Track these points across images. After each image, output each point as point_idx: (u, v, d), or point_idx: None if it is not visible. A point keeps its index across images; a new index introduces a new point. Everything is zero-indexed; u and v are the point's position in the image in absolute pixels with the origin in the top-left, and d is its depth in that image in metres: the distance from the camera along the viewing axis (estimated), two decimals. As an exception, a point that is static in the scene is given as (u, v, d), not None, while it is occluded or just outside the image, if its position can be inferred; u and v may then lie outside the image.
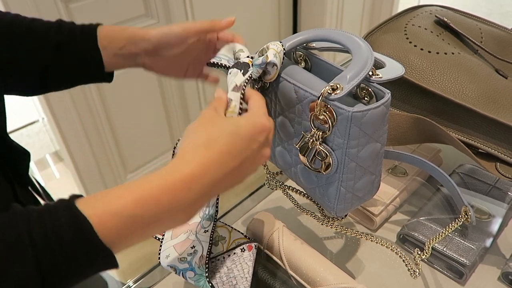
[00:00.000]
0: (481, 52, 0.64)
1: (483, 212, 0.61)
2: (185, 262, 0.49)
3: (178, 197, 0.33)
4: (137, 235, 0.32)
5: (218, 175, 0.35)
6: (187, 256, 0.49)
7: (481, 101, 0.55)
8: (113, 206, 0.31)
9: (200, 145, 0.35)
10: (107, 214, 0.30)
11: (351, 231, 0.53)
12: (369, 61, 0.41)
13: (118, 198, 0.31)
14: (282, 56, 0.44)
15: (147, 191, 0.32)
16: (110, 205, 0.31)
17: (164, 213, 0.32)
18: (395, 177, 0.67)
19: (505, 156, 0.53)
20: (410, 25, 0.65)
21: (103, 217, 0.30)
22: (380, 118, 0.41)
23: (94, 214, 0.30)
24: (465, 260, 0.54)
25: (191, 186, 0.33)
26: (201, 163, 0.34)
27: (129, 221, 0.31)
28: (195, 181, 0.33)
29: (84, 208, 0.30)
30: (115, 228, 0.30)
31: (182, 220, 0.34)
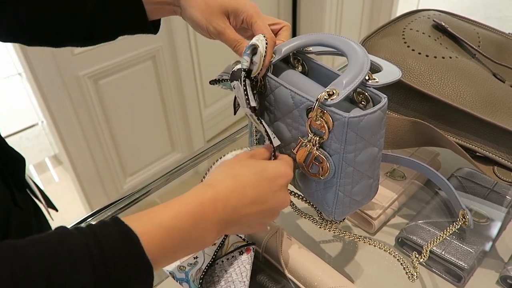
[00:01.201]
0: (478, 56, 0.65)
1: (482, 215, 0.61)
2: (183, 272, 0.49)
3: (207, 213, 0.36)
4: (174, 249, 0.35)
5: (239, 204, 0.38)
6: (187, 266, 0.49)
7: (478, 105, 0.55)
8: (155, 219, 0.34)
9: (229, 175, 0.40)
10: (150, 225, 0.33)
11: (349, 235, 0.53)
12: (365, 66, 0.41)
13: (159, 213, 0.34)
14: (264, 44, 0.45)
15: (183, 206, 0.35)
16: (152, 219, 0.34)
17: (196, 228, 0.35)
18: (393, 181, 0.67)
19: (503, 160, 0.53)
20: (408, 29, 0.65)
21: (147, 228, 0.32)
22: (377, 122, 0.41)
23: (139, 225, 0.32)
24: (463, 264, 0.54)
25: (216, 206, 0.37)
26: (225, 188, 0.38)
27: (168, 232, 0.34)
28: (219, 202, 0.37)
29: (129, 222, 0.32)
30: (158, 240, 0.33)
31: (209, 239, 0.37)
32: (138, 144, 1.65)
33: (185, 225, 0.35)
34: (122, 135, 1.57)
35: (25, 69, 1.27)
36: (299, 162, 0.46)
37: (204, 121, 1.91)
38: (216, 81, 0.50)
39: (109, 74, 1.42)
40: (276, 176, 0.41)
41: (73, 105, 1.37)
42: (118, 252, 0.30)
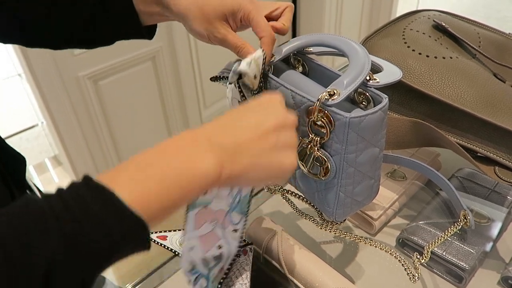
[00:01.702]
0: (479, 57, 0.65)
1: (483, 216, 0.61)
2: (207, 267, 0.44)
3: (187, 135, 0.32)
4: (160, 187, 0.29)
5: (229, 124, 0.34)
6: (213, 260, 0.44)
7: (479, 105, 0.55)
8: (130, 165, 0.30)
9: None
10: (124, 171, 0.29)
11: (350, 235, 0.53)
12: (366, 66, 0.41)
13: (132, 160, 0.30)
14: (261, 62, 0.43)
15: (158, 145, 0.31)
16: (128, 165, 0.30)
17: (179, 152, 0.31)
18: (394, 181, 0.67)
19: (504, 160, 0.53)
20: (408, 29, 0.65)
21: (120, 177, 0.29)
22: (378, 123, 0.41)
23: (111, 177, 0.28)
24: (464, 265, 0.54)
25: (199, 128, 0.33)
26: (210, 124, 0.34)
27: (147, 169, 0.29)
28: (203, 127, 0.33)
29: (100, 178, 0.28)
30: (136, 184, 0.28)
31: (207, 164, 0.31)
32: (137, 144, 1.65)
33: (165, 156, 0.30)
34: (122, 136, 1.57)
35: (24, 70, 1.27)
36: (299, 162, 0.45)
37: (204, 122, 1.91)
38: (217, 78, 0.50)
39: (109, 75, 1.42)
40: (263, 99, 0.36)
41: (72, 106, 1.37)
42: (89, 209, 0.26)
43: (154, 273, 0.61)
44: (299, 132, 0.45)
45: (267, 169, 0.35)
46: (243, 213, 0.43)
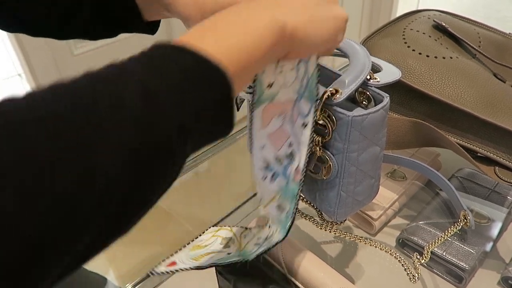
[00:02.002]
0: (479, 57, 0.65)
1: (483, 216, 0.61)
2: (281, 165, 0.42)
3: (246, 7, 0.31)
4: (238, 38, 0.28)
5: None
6: (284, 158, 0.42)
7: (479, 105, 0.55)
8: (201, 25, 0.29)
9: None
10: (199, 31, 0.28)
11: (350, 236, 0.53)
12: (367, 65, 0.41)
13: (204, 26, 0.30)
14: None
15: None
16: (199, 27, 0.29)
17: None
18: (394, 181, 0.67)
19: (504, 160, 0.53)
20: (408, 29, 0.65)
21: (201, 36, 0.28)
22: (380, 121, 0.41)
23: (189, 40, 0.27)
24: (464, 265, 0.54)
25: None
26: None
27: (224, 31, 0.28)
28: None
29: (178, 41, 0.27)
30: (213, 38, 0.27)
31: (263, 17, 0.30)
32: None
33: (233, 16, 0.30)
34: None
35: (24, 70, 1.27)
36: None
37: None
38: None
39: (109, 75, 1.42)
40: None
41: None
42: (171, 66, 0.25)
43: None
44: None
45: (324, 22, 0.35)
46: (312, 100, 0.39)
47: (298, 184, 0.41)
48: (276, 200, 0.44)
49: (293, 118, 0.40)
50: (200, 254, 0.47)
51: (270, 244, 0.44)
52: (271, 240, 0.45)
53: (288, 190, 0.42)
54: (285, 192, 0.43)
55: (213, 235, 0.50)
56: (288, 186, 0.42)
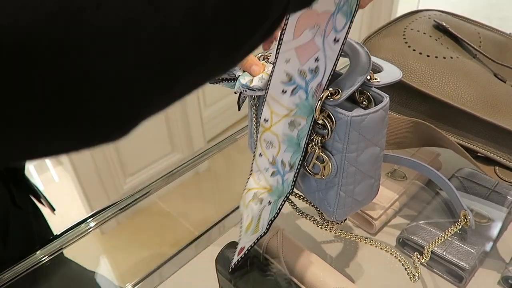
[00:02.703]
0: (479, 57, 0.65)
1: (483, 216, 0.61)
2: (304, 79, 0.41)
3: None
4: None
5: None
6: (308, 72, 0.41)
7: (479, 105, 0.55)
8: None
9: None
10: None
11: (350, 235, 0.53)
12: (367, 65, 0.41)
13: None
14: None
15: None
16: None
17: None
18: (394, 181, 0.67)
19: (504, 160, 0.53)
20: (409, 29, 0.65)
21: None
22: (379, 122, 0.41)
23: None
24: (464, 264, 0.54)
25: None
26: None
27: None
28: None
29: None
30: None
31: None
32: (138, 144, 1.65)
33: None
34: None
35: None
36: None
37: (205, 121, 1.91)
38: (215, 81, 0.50)
39: (109, 74, 1.42)
40: None
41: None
42: None
43: (154, 273, 0.61)
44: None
45: None
46: (349, 15, 0.37)
47: (317, 101, 0.40)
48: (290, 116, 0.43)
49: (326, 32, 0.39)
50: (255, 226, 0.47)
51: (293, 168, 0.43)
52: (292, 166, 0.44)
53: (306, 105, 0.42)
54: (303, 106, 0.42)
55: (246, 207, 0.49)
56: (308, 101, 0.42)
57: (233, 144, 0.83)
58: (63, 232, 0.60)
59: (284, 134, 0.45)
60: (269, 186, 0.47)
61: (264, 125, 0.46)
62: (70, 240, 0.60)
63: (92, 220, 0.66)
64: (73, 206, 1.69)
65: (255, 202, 0.46)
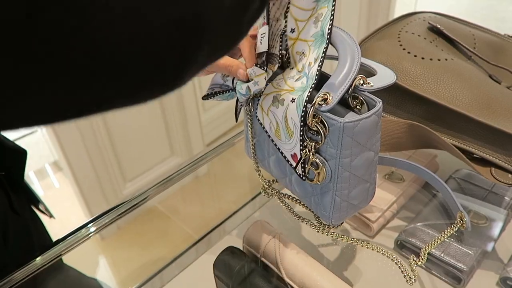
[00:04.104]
0: (474, 58, 0.65)
1: (480, 217, 0.61)
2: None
3: None
4: None
5: None
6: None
7: (475, 107, 0.55)
8: None
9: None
10: None
11: (347, 238, 0.53)
12: (356, 62, 0.40)
13: None
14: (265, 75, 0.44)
15: None
16: None
17: None
18: (392, 183, 0.67)
19: (500, 161, 0.53)
20: (403, 32, 0.65)
21: None
22: (372, 127, 0.41)
23: None
24: (462, 266, 0.54)
25: None
26: None
27: None
28: None
29: None
30: None
31: None
32: (137, 149, 1.65)
33: None
34: (121, 141, 1.57)
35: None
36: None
37: (203, 125, 1.91)
38: (209, 96, 0.50)
39: (107, 80, 1.42)
40: None
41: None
42: None
43: (155, 277, 0.61)
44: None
45: None
46: None
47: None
48: (314, 14, 0.42)
49: None
50: (285, 128, 0.45)
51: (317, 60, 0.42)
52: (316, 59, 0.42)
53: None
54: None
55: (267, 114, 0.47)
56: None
57: (232, 147, 0.84)
58: (64, 238, 0.60)
59: (312, 35, 0.43)
60: (291, 88, 0.45)
61: (291, 36, 0.45)
62: (71, 245, 0.60)
63: (92, 225, 0.66)
64: (73, 211, 1.69)
65: (276, 106, 0.45)
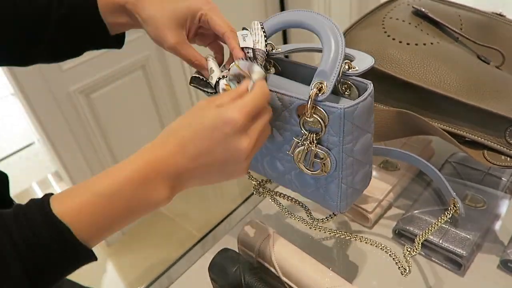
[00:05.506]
0: (461, 40, 0.64)
1: (478, 200, 0.60)
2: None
3: (148, 175, 0.35)
4: (118, 216, 0.34)
5: (181, 162, 0.37)
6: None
7: (463, 90, 0.54)
8: (93, 188, 0.34)
9: (170, 132, 0.38)
10: (79, 205, 0.33)
11: (340, 232, 0.52)
12: (340, 44, 0.41)
13: (97, 181, 0.35)
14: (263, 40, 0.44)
15: (121, 171, 0.35)
16: (90, 188, 0.34)
17: (138, 189, 0.35)
18: (387, 172, 0.66)
19: (492, 143, 0.52)
20: (388, 18, 0.64)
21: (75, 210, 0.32)
22: (369, 109, 0.42)
23: (68, 212, 0.32)
24: (462, 251, 0.53)
25: (156, 166, 0.36)
26: (164, 147, 0.37)
27: (107, 200, 0.33)
28: (159, 163, 0.36)
29: (58, 207, 0.32)
30: (97, 210, 0.33)
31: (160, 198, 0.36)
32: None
33: (125, 189, 0.34)
34: (119, 147, 1.57)
35: (15, 90, 1.27)
36: (297, 162, 0.45)
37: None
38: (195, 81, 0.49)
39: (100, 87, 1.42)
40: (216, 125, 0.37)
41: (67, 122, 1.37)
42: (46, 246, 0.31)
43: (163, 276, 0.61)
44: (291, 132, 0.45)
45: (213, 180, 0.41)
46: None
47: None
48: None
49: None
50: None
51: None
52: None
53: None
54: None
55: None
56: None
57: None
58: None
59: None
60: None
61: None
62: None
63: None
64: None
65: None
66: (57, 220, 0.31)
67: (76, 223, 0.32)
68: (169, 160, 0.36)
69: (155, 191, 0.35)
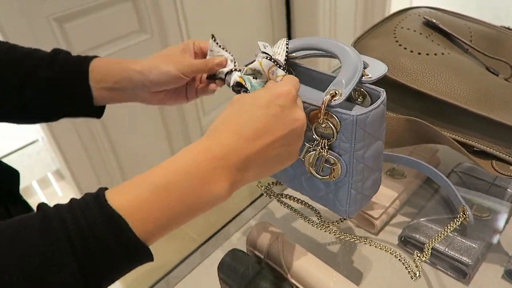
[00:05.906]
0: (471, 51, 0.65)
1: (484, 210, 0.61)
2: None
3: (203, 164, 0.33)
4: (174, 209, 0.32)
5: (239, 146, 0.34)
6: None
7: (473, 100, 0.55)
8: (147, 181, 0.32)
9: (223, 119, 0.36)
10: (134, 197, 0.31)
11: (350, 236, 0.53)
12: (359, 63, 0.42)
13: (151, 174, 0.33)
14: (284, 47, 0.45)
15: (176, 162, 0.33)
16: (144, 181, 0.32)
17: (195, 180, 0.32)
18: (393, 180, 0.67)
19: (501, 154, 0.53)
20: (399, 28, 0.65)
21: (130, 202, 0.30)
22: (381, 116, 0.43)
23: (125, 205, 0.30)
24: (467, 260, 0.54)
25: (212, 153, 0.33)
26: (218, 134, 0.35)
27: (163, 191, 0.31)
28: (215, 149, 0.34)
29: (114, 200, 0.30)
30: (151, 204, 0.31)
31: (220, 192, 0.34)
32: (138, 154, 1.66)
33: (180, 179, 0.32)
34: (123, 146, 1.58)
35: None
36: (308, 167, 0.46)
37: (204, 129, 1.91)
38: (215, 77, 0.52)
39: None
40: (270, 100, 0.36)
41: (72, 120, 1.38)
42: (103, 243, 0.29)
43: (162, 280, 0.61)
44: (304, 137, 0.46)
45: (271, 168, 0.38)
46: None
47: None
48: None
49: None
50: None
51: None
52: None
53: None
54: None
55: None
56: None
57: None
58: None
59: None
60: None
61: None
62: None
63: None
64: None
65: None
66: (113, 211, 0.29)
67: (133, 216, 0.30)
68: (226, 146, 0.34)
69: (213, 184, 0.33)
